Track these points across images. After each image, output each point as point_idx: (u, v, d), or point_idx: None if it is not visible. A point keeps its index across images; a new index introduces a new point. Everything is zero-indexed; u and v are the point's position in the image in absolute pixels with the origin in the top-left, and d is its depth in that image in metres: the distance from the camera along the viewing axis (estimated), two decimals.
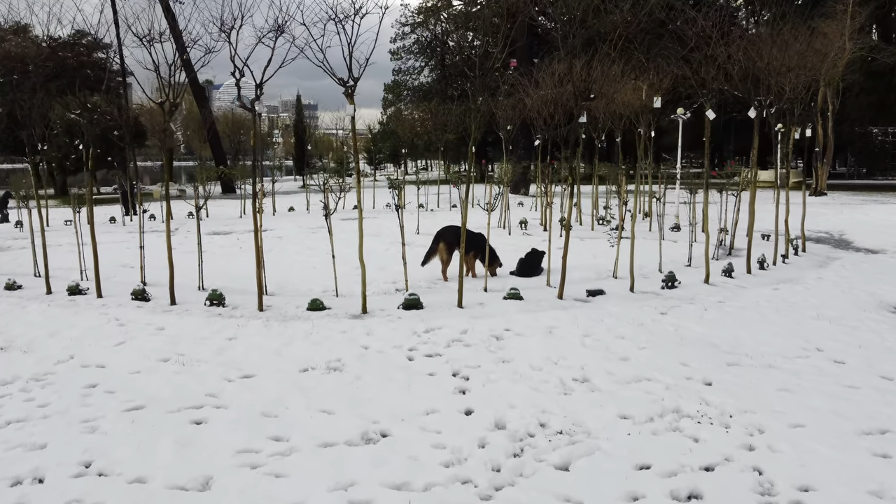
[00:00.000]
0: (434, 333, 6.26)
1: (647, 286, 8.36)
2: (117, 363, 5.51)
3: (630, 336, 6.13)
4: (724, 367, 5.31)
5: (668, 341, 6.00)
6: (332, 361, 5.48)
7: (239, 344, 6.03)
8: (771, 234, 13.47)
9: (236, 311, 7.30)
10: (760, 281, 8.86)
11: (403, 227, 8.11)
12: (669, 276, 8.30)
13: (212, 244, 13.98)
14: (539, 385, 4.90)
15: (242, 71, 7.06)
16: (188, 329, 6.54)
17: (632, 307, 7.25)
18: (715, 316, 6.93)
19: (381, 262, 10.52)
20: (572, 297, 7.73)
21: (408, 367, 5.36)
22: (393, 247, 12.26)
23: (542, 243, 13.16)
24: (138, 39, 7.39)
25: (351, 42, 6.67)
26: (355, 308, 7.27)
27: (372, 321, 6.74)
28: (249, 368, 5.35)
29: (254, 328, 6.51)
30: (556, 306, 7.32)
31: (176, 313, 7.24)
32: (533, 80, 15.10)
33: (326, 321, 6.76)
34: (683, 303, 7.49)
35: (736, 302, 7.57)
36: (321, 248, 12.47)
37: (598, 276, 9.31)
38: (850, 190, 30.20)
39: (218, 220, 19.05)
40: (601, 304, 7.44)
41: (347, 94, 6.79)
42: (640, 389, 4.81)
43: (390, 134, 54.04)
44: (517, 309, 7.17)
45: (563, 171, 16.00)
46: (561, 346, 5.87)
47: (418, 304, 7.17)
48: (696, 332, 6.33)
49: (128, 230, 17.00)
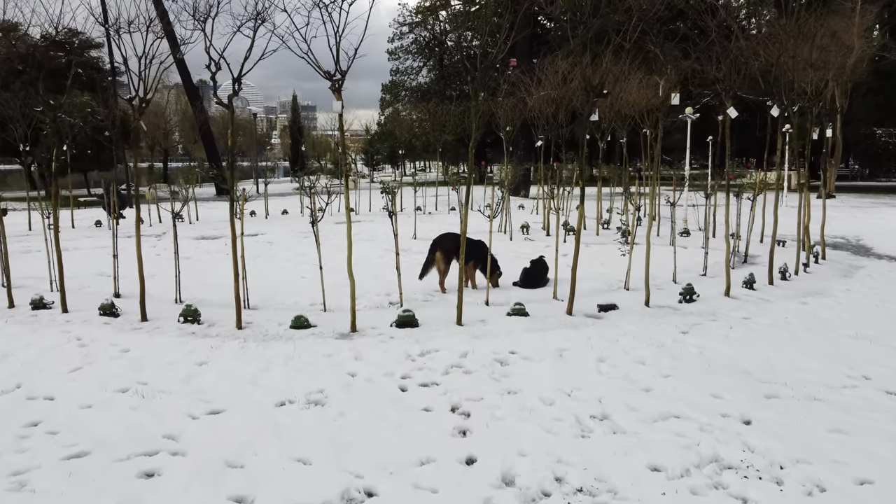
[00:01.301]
0: (430, 357, 5.58)
1: (662, 299, 7.68)
2: (68, 394, 4.81)
3: (651, 360, 5.45)
4: (761, 400, 4.64)
5: (694, 367, 5.33)
6: (313, 393, 4.80)
7: (210, 370, 5.34)
8: (787, 241, 12.84)
9: (212, 328, 6.61)
10: (785, 293, 8.19)
11: (398, 234, 7.43)
12: (687, 288, 7.62)
13: (198, 250, 13.29)
14: (552, 425, 4.21)
15: (218, 64, 6.37)
16: (156, 351, 5.85)
17: (649, 325, 6.57)
18: (741, 335, 6.25)
19: (374, 271, 9.83)
20: (583, 313, 7.05)
21: (400, 401, 4.67)
22: (388, 254, 11.57)
23: (546, 249, 12.49)
24: (121, 27, 6.72)
25: (338, 31, 5.99)
26: (344, 325, 6.59)
27: (361, 342, 6.06)
28: (218, 401, 4.66)
29: (229, 350, 5.82)
30: (565, 324, 6.64)
31: (145, 331, 6.55)
32: (535, 78, 14.46)
33: (311, 342, 6.08)
34: (705, 319, 6.82)
35: (762, 318, 6.89)
36: (313, 254, 11.77)
37: (609, 287, 8.64)
38: (857, 192, 29.57)
39: (208, 224, 18.34)
40: (615, 320, 6.76)
41: (334, 89, 6.11)
42: (669, 430, 4.13)
43: (388, 135, 53.37)
44: (523, 327, 6.49)
45: (566, 173, 15.37)
46: (574, 373, 5.19)
47: (413, 322, 6.48)
48: (723, 355, 5.65)
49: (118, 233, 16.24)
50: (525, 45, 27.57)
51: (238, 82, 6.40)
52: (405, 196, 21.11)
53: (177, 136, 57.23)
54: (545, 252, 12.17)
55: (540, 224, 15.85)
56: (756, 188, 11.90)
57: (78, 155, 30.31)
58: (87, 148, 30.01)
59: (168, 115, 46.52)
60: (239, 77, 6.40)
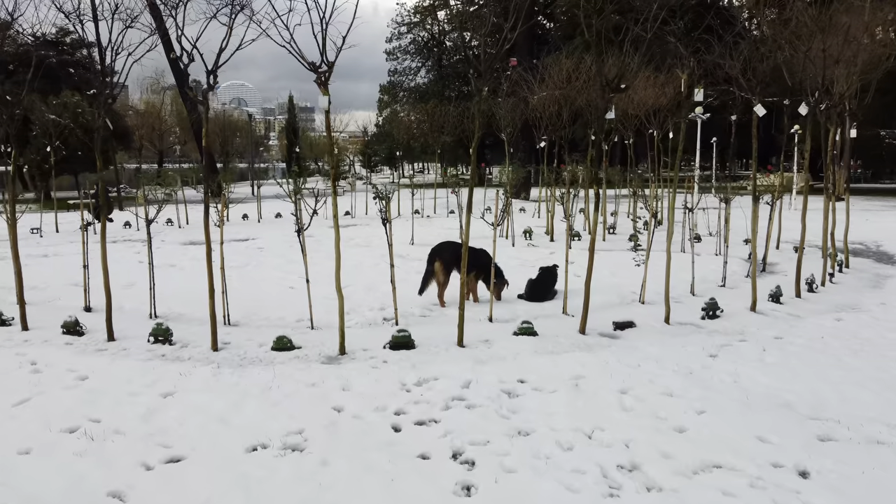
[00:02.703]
0: (428, 387, 4.90)
1: (683, 315, 7.01)
2: (5, 435, 4.12)
3: (680, 391, 4.77)
4: (815, 444, 3.96)
5: (731, 399, 4.65)
6: (291, 434, 4.11)
7: (176, 403, 4.65)
8: (806, 248, 12.16)
9: (185, 350, 5.92)
10: (814, 307, 7.53)
11: (392, 245, 6.75)
12: (710, 304, 6.95)
13: (184, 256, 12.60)
14: (573, 479, 3.53)
15: (191, 55, 5.70)
16: (117, 379, 5.16)
17: (672, 347, 5.90)
18: (777, 359, 5.58)
19: (369, 281, 9.15)
20: (597, 332, 6.37)
21: (393, 445, 3.99)
22: (384, 261, 10.87)
23: (551, 256, 11.82)
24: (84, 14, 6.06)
25: (324, 17, 5.32)
26: (332, 346, 5.90)
27: (350, 367, 5.37)
28: (180, 445, 3.97)
29: (199, 379, 5.13)
30: (579, 345, 5.96)
31: (109, 354, 5.86)
32: (538, 77, 13.82)
33: (293, 367, 5.39)
34: (733, 340, 6.14)
35: (796, 337, 6.22)
36: (309, 259, 11.11)
37: (622, 300, 7.97)
38: (863, 194, 28.94)
39: (198, 228, 17.63)
40: (634, 341, 6.08)
41: (320, 83, 5.43)
42: (713, 486, 3.45)
43: (386, 136, 52.72)
44: (532, 349, 5.81)
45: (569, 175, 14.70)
46: (593, 407, 4.51)
47: (409, 343, 5.80)
48: (760, 384, 4.98)
49: (96, 240, 15.53)
50: (525, 45, 26.94)
51: (213, 75, 5.73)
52: (403, 198, 20.45)
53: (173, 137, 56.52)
54: (551, 260, 11.51)
55: (543, 228, 15.18)
56: (776, 191, 11.26)
57: (68, 156, 29.63)
58: (77, 149, 29.28)
59: (164, 116, 45.90)
60: (214, 70, 5.72)
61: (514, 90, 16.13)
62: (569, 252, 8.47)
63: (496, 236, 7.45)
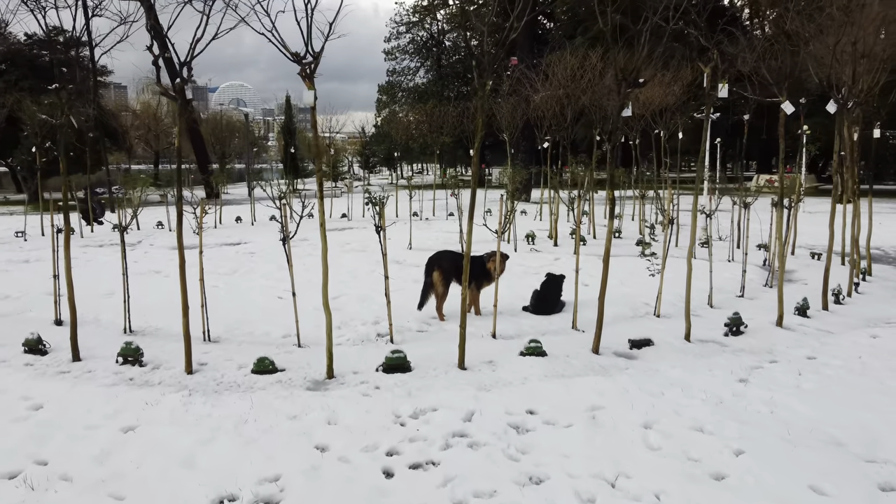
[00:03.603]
0: (425, 420, 4.32)
1: (703, 331, 6.43)
2: None
3: (712, 426, 4.19)
4: (878, 495, 3.39)
5: (770, 435, 4.07)
6: (265, 482, 3.53)
7: (136, 440, 4.07)
8: (823, 253, 11.60)
9: (156, 373, 5.34)
10: (845, 321, 6.95)
11: (386, 254, 6.17)
12: (734, 319, 6.37)
13: (171, 262, 11.96)
14: None
15: (164, 46, 5.12)
16: (76, 408, 4.58)
17: (697, 369, 5.32)
18: (816, 384, 5.00)
19: (363, 290, 8.57)
20: (611, 350, 5.79)
21: (383, 496, 3.40)
22: (380, 267, 10.30)
23: (556, 262, 11.24)
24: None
25: (309, 2, 4.74)
26: (319, 368, 5.32)
27: (338, 394, 4.79)
28: (134, 497, 3.39)
29: (167, 409, 4.55)
30: (593, 367, 5.37)
31: (72, 377, 5.28)
32: (541, 74, 13.26)
33: (274, 394, 4.81)
34: (763, 360, 5.56)
35: (831, 358, 5.64)
36: (300, 266, 10.53)
37: (635, 312, 7.40)
38: (868, 196, 28.32)
39: (188, 231, 17.05)
40: (653, 362, 5.50)
41: (305, 76, 4.86)
42: None
43: (385, 137, 52.13)
44: (541, 371, 5.23)
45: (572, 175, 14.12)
46: (614, 445, 3.93)
47: (404, 366, 5.22)
48: (802, 415, 4.40)
49: (84, 243, 15.01)
50: (526, 44, 26.39)
51: (188, 67, 5.15)
52: (401, 200, 19.87)
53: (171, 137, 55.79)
54: (555, 266, 10.92)
55: (546, 232, 14.60)
56: (796, 194, 10.72)
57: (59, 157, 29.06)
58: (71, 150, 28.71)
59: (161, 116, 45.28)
60: (188, 61, 5.14)
61: (517, 89, 15.55)
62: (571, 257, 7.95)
63: (499, 245, 6.86)
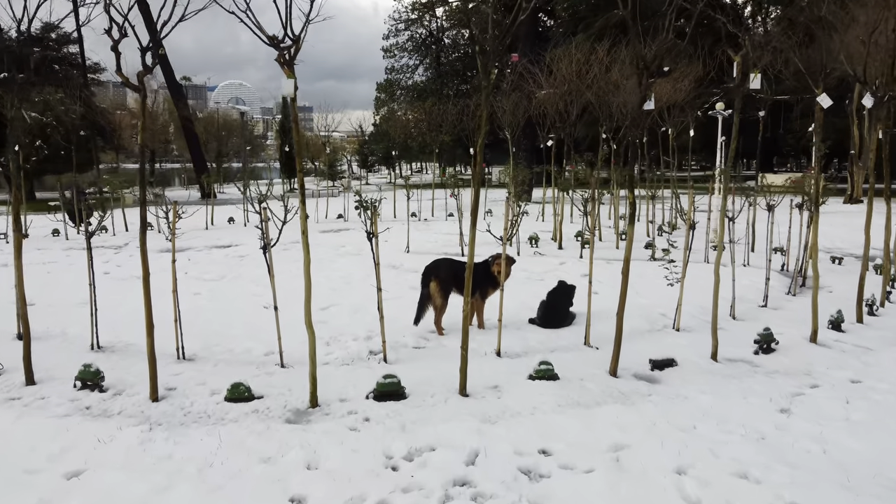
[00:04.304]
0: (422, 462, 3.70)
1: (729, 347, 5.81)
2: None
3: (757, 470, 3.57)
4: None
5: (827, 482, 3.46)
6: None
7: (81, 489, 3.45)
8: (843, 258, 11.00)
9: (117, 400, 4.72)
10: (882, 335, 6.34)
11: (379, 263, 5.55)
12: (765, 335, 5.75)
13: (154, 267, 11.40)
14: None
15: (123, 29, 4.49)
16: (18, 445, 3.95)
17: (730, 396, 4.70)
18: (866, 414, 4.38)
19: (356, 300, 7.94)
20: (630, 372, 5.18)
21: None
22: None
23: (561, 267, 10.61)
24: None
25: None
26: (301, 395, 4.70)
27: (321, 429, 4.16)
28: None
29: (122, 448, 3.92)
30: (612, 394, 4.75)
31: (21, 405, 4.65)
32: (545, 68, 12.64)
33: (248, 428, 4.18)
34: (802, 384, 4.94)
35: (877, 381, 5.02)
36: (288, 273, 9.91)
37: (651, 325, 6.78)
38: (879, 196, 27.74)
39: (179, 233, 16.41)
40: (680, 387, 4.88)
41: (283, 62, 4.24)
42: None
43: (383, 135, 51.49)
44: (553, 399, 4.61)
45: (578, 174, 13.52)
46: (644, 497, 3.31)
47: (398, 392, 4.60)
48: (857, 454, 3.78)
49: (68, 245, 14.39)
50: (527, 41, 25.77)
51: (152, 52, 4.53)
52: (398, 200, 19.24)
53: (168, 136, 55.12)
54: (561, 270, 10.32)
55: (549, 234, 13.98)
56: (818, 195, 10.09)
57: (51, 156, 28.39)
58: (60, 148, 28.11)
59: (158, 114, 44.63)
60: (155, 45, 4.52)
61: (519, 84, 14.93)
62: (577, 260, 7.33)
63: (505, 251, 6.24)
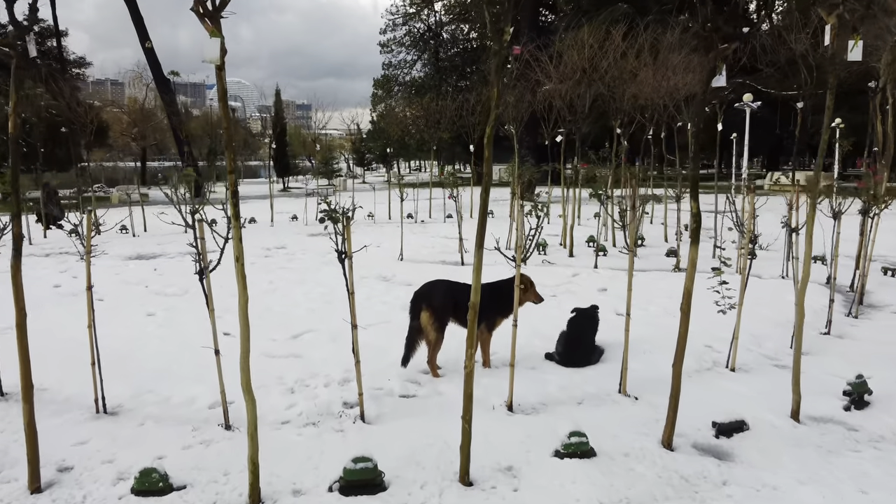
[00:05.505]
0: None
1: (808, 397, 4.48)
2: None
3: None
4: None
5: None
6: None
7: None
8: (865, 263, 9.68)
9: None
10: None
11: (353, 293, 4.24)
12: (858, 385, 4.42)
13: (117, 276, 10.13)
14: None
15: None
16: None
17: (839, 486, 3.38)
18: None
19: (336, 324, 6.53)
20: (689, 441, 3.86)
21: None
22: (365, 285, 8.39)
23: (574, 279, 9.29)
24: None
25: None
26: (239, 482, 3.39)
27: None
28: None
29: None
30: (671, 481, 3.43)
31: None
32: (555, 55, 11.35)
33: None
34: None
35: None
36: (263, 286, 8.60)
37: (698, 362, 5.47)
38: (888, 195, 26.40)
39: (154, 237, 15.14)
40: (762, 467, 3.56)
41: (202, 14, 2.91)
42: None
43: (380, 133, 50.17)
44: (593, 494, 3.29)
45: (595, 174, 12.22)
46: None
47: (373, 482, 3.28)
48: None
49: (29, 251, 13.02)
50: (533, 31, 24.50)
51: None
52: (393, 201, 17.94)
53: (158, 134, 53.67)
54: (574, 282, 9.03)
55: (558, 239, 12.66)
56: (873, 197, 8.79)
57: (29, 153, 27.12)
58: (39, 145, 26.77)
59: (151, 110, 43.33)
60: None
61: (525, 73, 13.63)
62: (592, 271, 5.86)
63: (518, 273, 4.90)
